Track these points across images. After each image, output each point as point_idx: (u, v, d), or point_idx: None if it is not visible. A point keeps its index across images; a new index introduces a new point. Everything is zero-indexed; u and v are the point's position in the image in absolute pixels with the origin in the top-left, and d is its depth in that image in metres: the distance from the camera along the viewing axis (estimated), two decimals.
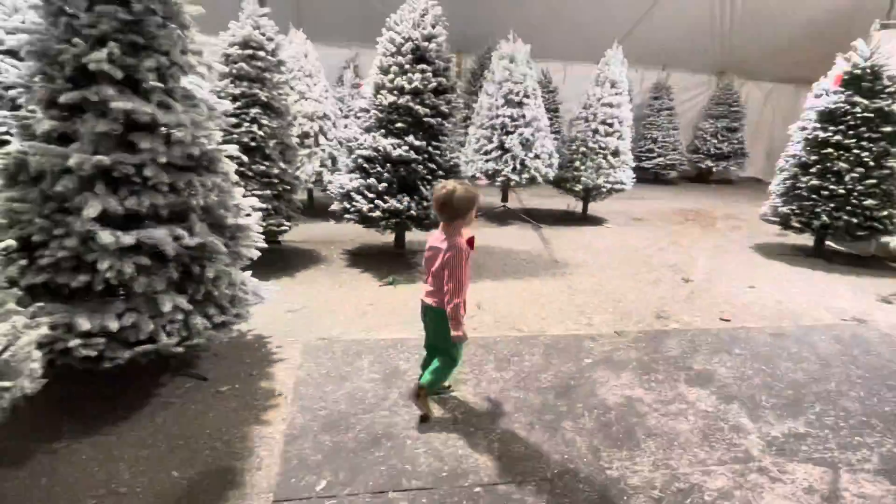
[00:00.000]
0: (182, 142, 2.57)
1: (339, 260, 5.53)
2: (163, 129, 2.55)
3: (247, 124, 4.77)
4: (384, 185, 4.92)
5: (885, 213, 5.77)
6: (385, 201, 4.89)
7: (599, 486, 2.26)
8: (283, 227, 5.02)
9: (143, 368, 2.74)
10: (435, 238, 2.67)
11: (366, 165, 4.99)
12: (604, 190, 7.48)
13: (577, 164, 7.45)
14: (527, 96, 6.99)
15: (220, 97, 4.73)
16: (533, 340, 3.72)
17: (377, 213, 4.90)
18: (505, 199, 7.88)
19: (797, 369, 3.44)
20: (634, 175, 7.87)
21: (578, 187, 7.49)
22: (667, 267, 5.75)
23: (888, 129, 5.75)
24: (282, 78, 5.18)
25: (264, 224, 4.72)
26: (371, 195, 4.91)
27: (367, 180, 4.94)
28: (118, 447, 2.41)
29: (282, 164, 4.97)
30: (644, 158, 12.92)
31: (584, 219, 8.10)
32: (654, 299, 4.70)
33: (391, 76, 4.90)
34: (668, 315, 4.33)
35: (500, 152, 7.02)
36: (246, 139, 4.74)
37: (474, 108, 11.65)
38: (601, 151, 7.33)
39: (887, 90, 5.79)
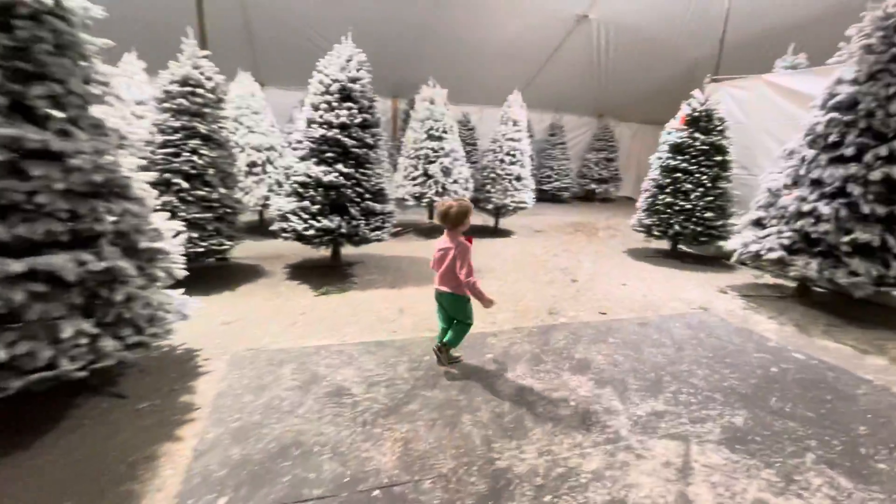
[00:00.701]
0: (81, 169, 2.10)
1: (280, 273, 5.05)
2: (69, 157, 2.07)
3: (187, 154, 4.23)
4: (317, 206, 4.52)
5: (720, 223, 6.00)
6: (318, 221, 4.49)
7: (489, 478, 2.01)
8: (225, 246, 4.48)
9: (55, 391, 2.22)
10: (442, 242, 2.85)
11: (300, 190, 4.57)
12: (510, 208, 7.40)
13: (489, 187, 7.32)
14: (445, 132, 6.79)
15: (161, 129, 4.25)
16: None
17: (311, 232, 4.49)
18: (431, 216, 7.62)
19: (658, 353, 3.37)
20: (535, 196, 7.84)
21: (490, 206, 7.37)
22: (559, 270, 5.68)
23: (719, 158, 5.99)
24: (222, 113, 4.66)
25: (205, 244, 4.25)
26: (306, 216, 4.50)
27: (302, 203, 4.52)
28: (12, 479, 1.89)
29: (222, 190, 4.45)
30: (544, 182, 13.13)
31: (496, 232, 7.99)
32: (547, 298, 4.57)
33: (321, 112, 4.53)
34: (558, 311, 4.20)
35: (424, 178, 6.76)
36: (186, 167, 4.21)
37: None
38: (507, 177, 7.24)
39: (717, 129, 6.05)
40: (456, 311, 2.92)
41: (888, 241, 3.96)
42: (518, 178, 7.34)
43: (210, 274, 4.72)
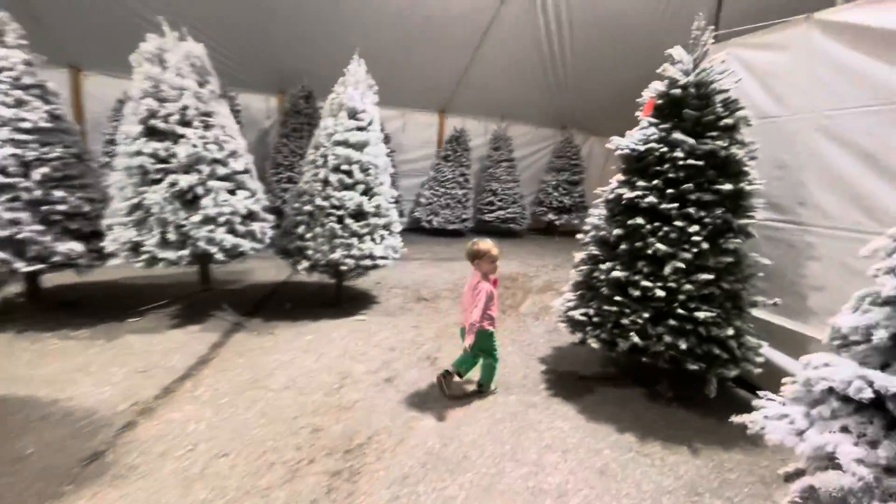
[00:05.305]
0: None
1: None
2: None
3: None
4: None
5: (731, 331, 2.66)
6: None
7: None
8: None
9: None
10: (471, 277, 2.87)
11: None
12: (344, 268, 4.02)
13: (301, 229, 3.97)
14: (186, 123, 3.44)
15: None
16: None
17: None
18: (206, 279, 4.22)
19: None
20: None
21: (305, 264, 3.99)
22: (333, 453, 2.29)
23: (729, 186, 2.68)
24: None
25: None
26: None
27: None
28: None
29: None
30: (486, 211, 9.87)
31: (337, 305, 4.58)
32: None
33: None
34: None
35: (140, 213, 3.38)
36: None
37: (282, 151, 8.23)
38: (335, 211, 3.90)
39: (723, 121, 2.76)
40: (482, 345, 2.83)
41: None
42: (359, 215, 4.00)
43: None
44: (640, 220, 2.82)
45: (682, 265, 2.65)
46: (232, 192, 3.62)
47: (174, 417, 2.49)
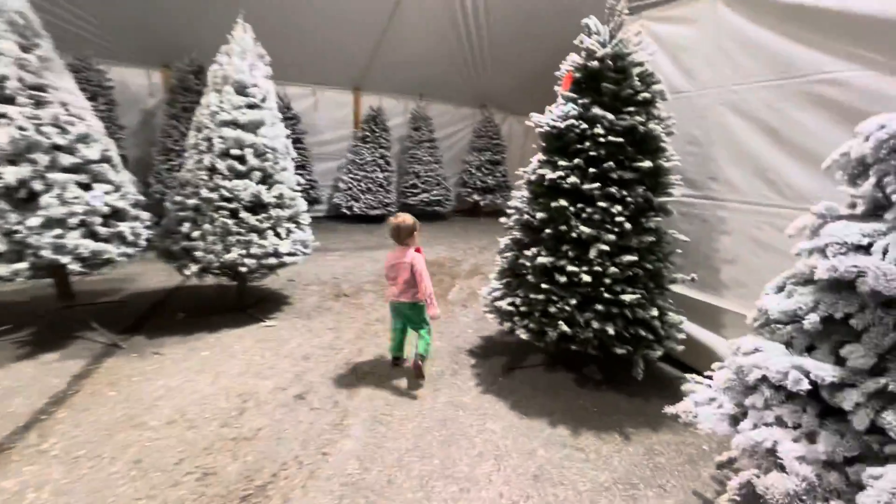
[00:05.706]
0: None
1: None
2: None
3: None
4: None
5: (655, 311, 2.62)
6: None
7: None
8: None
9: None
10: (395, 255, 2.86)
11: None
12: (243, 269, 3.47)
13: (188, 227, 3.35)
14: (7, 100, 2.66)
15: None
16: None
17: None
18: (66, 293, 3.44)
19: None
20: (314, 238, 4.06)
21: (194, 268, 3.39)
22: (227, 503, 1.89)
23: (647, 164, 2.60)
24: None
25: None
26: None
27: None
28: None
29: None
30: (409, 195, 9.51)
31: (245, 308, 4.02)
32: None
33: None
34: None
35: None
36: None
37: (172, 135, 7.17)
38: (227, 204, 3.32)
39: (641, 96, 2.65)
40: (419, 318, 2.91)
41: None
42: (258, 207, 3.46)
43: None
44: (563, 202, 2.66)
45: (606, 247, 2.54)
46: (86, 187, 2.91)
47: (5, 487, 1.91)
